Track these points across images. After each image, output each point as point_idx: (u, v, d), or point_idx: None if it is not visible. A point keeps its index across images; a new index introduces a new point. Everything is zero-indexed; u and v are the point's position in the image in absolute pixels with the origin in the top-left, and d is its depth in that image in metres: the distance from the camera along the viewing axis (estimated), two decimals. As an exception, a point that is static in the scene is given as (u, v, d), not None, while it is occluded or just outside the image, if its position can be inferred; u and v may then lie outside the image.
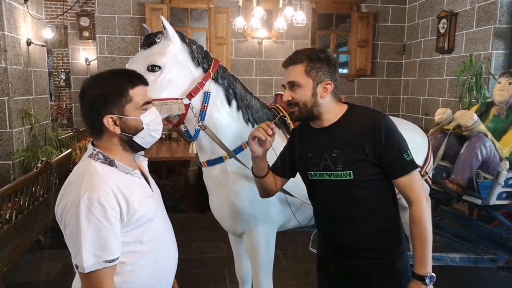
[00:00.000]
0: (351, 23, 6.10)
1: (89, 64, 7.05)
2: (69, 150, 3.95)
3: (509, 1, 4.41)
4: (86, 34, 6.83)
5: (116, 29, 5.57)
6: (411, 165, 1.39)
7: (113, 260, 1.14)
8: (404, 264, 1.48)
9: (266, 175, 1.57)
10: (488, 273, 3.23)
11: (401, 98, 6.33)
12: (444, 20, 5.12)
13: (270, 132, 1.47)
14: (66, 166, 3.69)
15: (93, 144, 1.28)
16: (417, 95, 5.90)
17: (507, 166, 2.41)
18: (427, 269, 1.35)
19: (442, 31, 5.17)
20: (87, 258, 1.10)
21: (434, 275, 1.35)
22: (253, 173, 1.62)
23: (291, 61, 1.44)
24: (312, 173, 1.47)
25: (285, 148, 1.66)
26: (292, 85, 1.42)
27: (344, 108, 1.47)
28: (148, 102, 1.28)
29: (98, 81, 1.26)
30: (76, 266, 1.13)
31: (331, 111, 1.45)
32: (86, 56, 7.02)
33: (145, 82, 1.29)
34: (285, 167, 1.61)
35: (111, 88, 1.23)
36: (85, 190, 1.13)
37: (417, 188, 1.39)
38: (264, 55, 5.89)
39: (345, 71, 6.36)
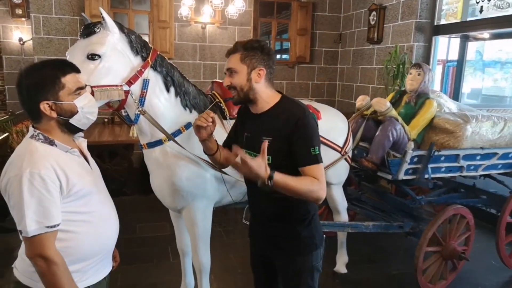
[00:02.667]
0: (291, 11, 6.36)
1: (23, 44, 6.71)
2: (6, 134, 3.86)
3: (428, -2, 4.90)
4: (19, 11, 6.45)
5: (53, 8, 5.37)
6: (315, 160, 1.54)
7: (54, 226, 1.30)
8: (310, 234, 1.71)
9: (215, 153, 1.78)
10: (401, 240, 3.72)
11: (337, 84, 6.75)
12: (374, 12, 5.54)
13: (210, 119, 1.66)
14: (3, 151, 3.62)
15: (33, 127, 1.42)
16: (351, 82, 6.35)
17: (412, 146, 2.80)
18: (276, 177, 1.42)
19: (372, 22, 5.59)
20: (30, 224, 1.26)
21: (271, 183, 1.42)
22: (205, 153, 1.82)
23: (230, 51, 1.65)
24: (245, 150, 1.68)
25: (233, 126, 1.88)
26: (231, 72, 1.62)
27: (276, 98, 1.66)
28: (81, 88, 1.43)
29: (32, 71, 1.39)
30: (20, 231, 1.29)
31: (265, 98, 1.64)
32: (20, 36, 6.67)
33: (76, 70, 1.44)
34: (234, 142, 1.78)
35: (44, 77, 1.37)
36: (26, 166, 1.28)
37: (319, 178, 1.53)
38: (208, 40, 5.99)
39: (286, 56, 6.67)
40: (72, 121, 1.41)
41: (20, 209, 1.27)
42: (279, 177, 1.44)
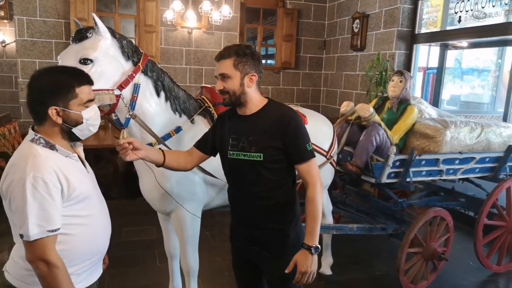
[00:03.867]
0: (277, 17, 6.47)
1: (5, 46, 6.61)
2: (-12, 137, 3.81)
3: (409, 7, 5.07)
4: (1, 13, 6.37)
5: (37, 11, 5.33)
6: (310, 154, 1.68)
7: (55, 230, 1.32)
8: (296, 234, 1.78)
9: (164, 163, 1.80)
10: (383, 242, 3.82)
11: (321, 90, 6.88)
12: (357, 20, 5.69)
13: (126, 145, 1.66)
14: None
15: (33, 129, 1.43)
16: (335, 87, 6.48)
17: (395, 150, 2.90)
18: (315, 241, 1.60)
19: (356, 30, 5.74)
20: (32, 228, 1.28)
21: (319, 246, 1.61)
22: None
23: (221, 56, 1.68)
24: (231, 152, 1.73)
25: (210, 129, 1.92)
26: (223, 77, 1.67)
27: (264, 101, 1.74)
28: (91, 100, 1.45)
29: (49, 74, 1.41)
30: (21, 235, 1.30)
31: (255, 101, 1.71)
32: (2, 38, 6.57)
33: (91, 82, 1.47)
34: (206, 144, 1.86)
35: (59, 83, 1.38)
36: (30, 170, 1.29)
37: (313, 173, 1.68)
38: (194, 45, 6.03)
39: (271, 62, 6.76)
40: (75, 130, 1.43)
41: (22, 213, 1.28)
42: (314, 240, 1.62)
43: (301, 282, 1.61)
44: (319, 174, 1.71)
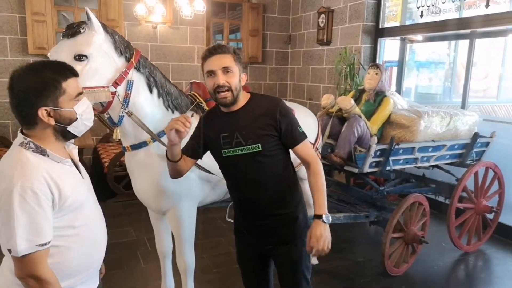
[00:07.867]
0: (242, 11, 6.45)
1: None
2: None
3: (373, 2, 5.24)
4: None
5: (-12, 4, 4.95)
6: (304, 136, 1.76)
7: (46, 244, 1.23)
8: (304, 216, 1.84)
9: (180, 160, 1.77)
10: (362, 229, 3.98)
11: (288, 84, 6.97)
12: (323, 15, 5.80)
13: (188, 125, 1.65)
14: None
15: (22, 133, 1.31)
16: (302, 81, 6.58)
17: (376, 140, 3.02)
18: (324, 210, 1.67)
19: (321, 25, 5.85)
20: (20, 243, 1.18)
21: (329, 215, 1.68)
22: (167, 158, 1.78)
23: (221, 51, 1.66)
24: (226, 150, 1.73)
25: (195, 132, 1.87)
26: (226, 71, 1.65)
27: (248, 96, 1.78)
28: (80, 93, 1.35)
29: (30, 74, 1.28)
30: (9, 250, 1.20)
31: (241, 97, 1.74)
32: None
33: (76, 74, 1.36)
34: (196, 149, 1.83)
35: (44, 81, 1.27)
36: (18, 179, 1.18)
37: (311, 152, 1.78)
38: (159, 40, 5.87)
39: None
40: (70, 128, 1.33)
41: (9, 227, 1.17)
42: (323, 209, 1.68)
43: (320, 250, 1.64)
44: (314, 152, 1.81)
